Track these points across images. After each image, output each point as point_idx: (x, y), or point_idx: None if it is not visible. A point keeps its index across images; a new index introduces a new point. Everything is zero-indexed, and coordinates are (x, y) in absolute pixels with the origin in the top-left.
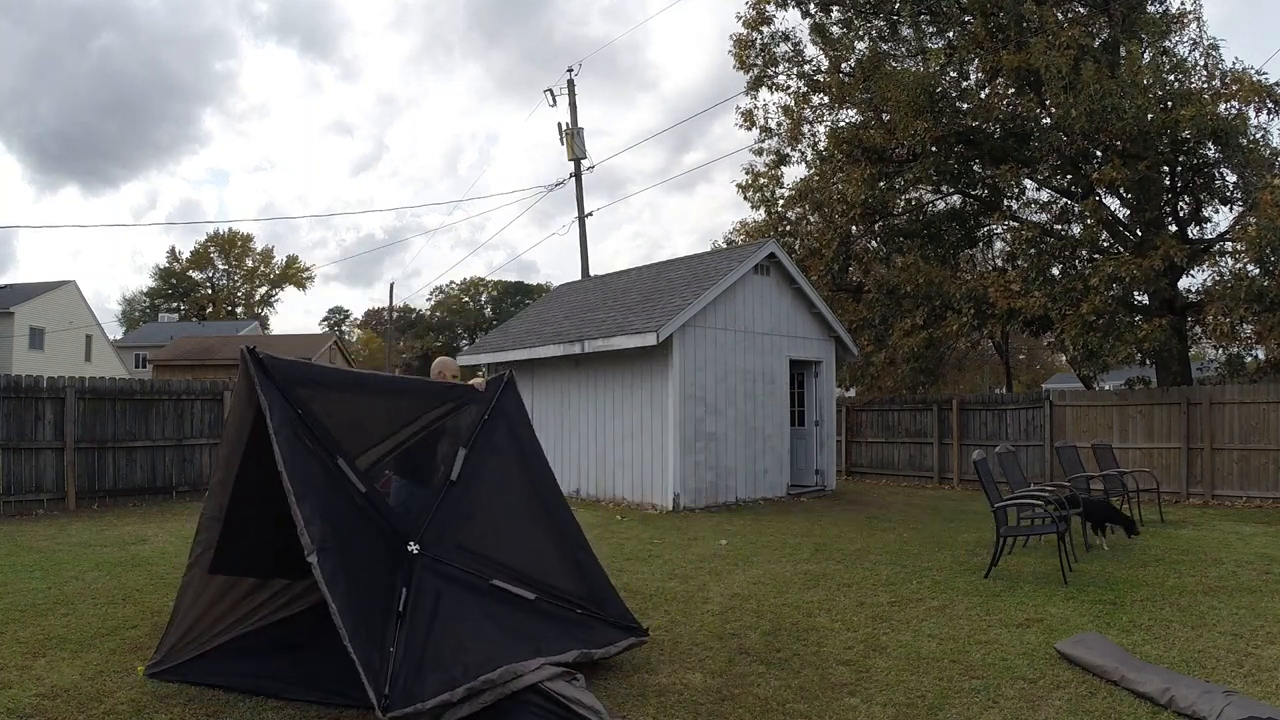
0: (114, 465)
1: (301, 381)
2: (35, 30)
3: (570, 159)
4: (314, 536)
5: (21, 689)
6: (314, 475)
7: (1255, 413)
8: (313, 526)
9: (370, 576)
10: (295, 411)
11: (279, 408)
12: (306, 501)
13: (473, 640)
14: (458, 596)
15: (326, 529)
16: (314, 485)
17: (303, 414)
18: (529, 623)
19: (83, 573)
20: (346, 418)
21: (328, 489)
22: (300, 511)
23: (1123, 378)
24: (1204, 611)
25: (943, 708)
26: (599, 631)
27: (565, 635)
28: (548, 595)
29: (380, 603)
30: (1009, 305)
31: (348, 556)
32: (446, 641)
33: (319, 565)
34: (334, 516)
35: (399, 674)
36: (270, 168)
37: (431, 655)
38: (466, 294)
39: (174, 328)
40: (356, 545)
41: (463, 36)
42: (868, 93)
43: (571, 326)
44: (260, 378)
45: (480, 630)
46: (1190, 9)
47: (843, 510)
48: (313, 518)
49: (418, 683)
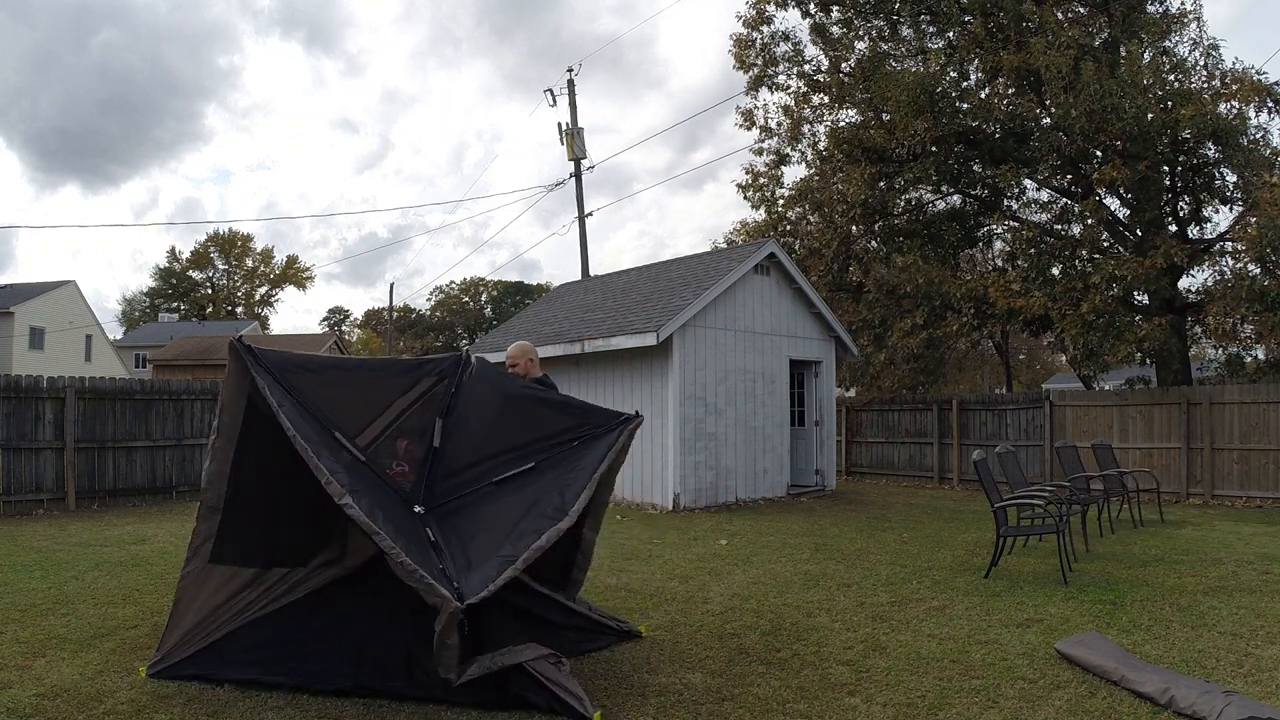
0: (114, 465)
1: (289, 368)
2: (35, 26)
3: (570, 159)
4: (343, 482)
5: (21, 689)
6: (323, 439)
7: (1255, 413)
8: (338, 474)
9: (401, 515)
10: (288, 393)
11: (275, 387)
12: (324, 456)
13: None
14: (484, 538)
15: (352, 477)
16: (326, 447)
17: (295, 396)
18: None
19: (83, 573)
20: (335, 401)
21: (338, 451)
22: (322, 464)
23: (1123, 378)
24: (1204, 611)
25: (943, 708)
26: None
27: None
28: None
29: (417, 535)
30: (1009, 305)
31: (376, 497)
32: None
33: (356, 504)
34: (351, 469)
35: (458, 576)
36: (273, 165)
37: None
38: (467, 294)
39: (174, 328)
40: (379, 491)
41: (471, 32)
42: (868, 93)
43: (571, 326)
44: (252, 364)
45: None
46: (1190, 9)
47: (843, 510)
48: (335, 468)
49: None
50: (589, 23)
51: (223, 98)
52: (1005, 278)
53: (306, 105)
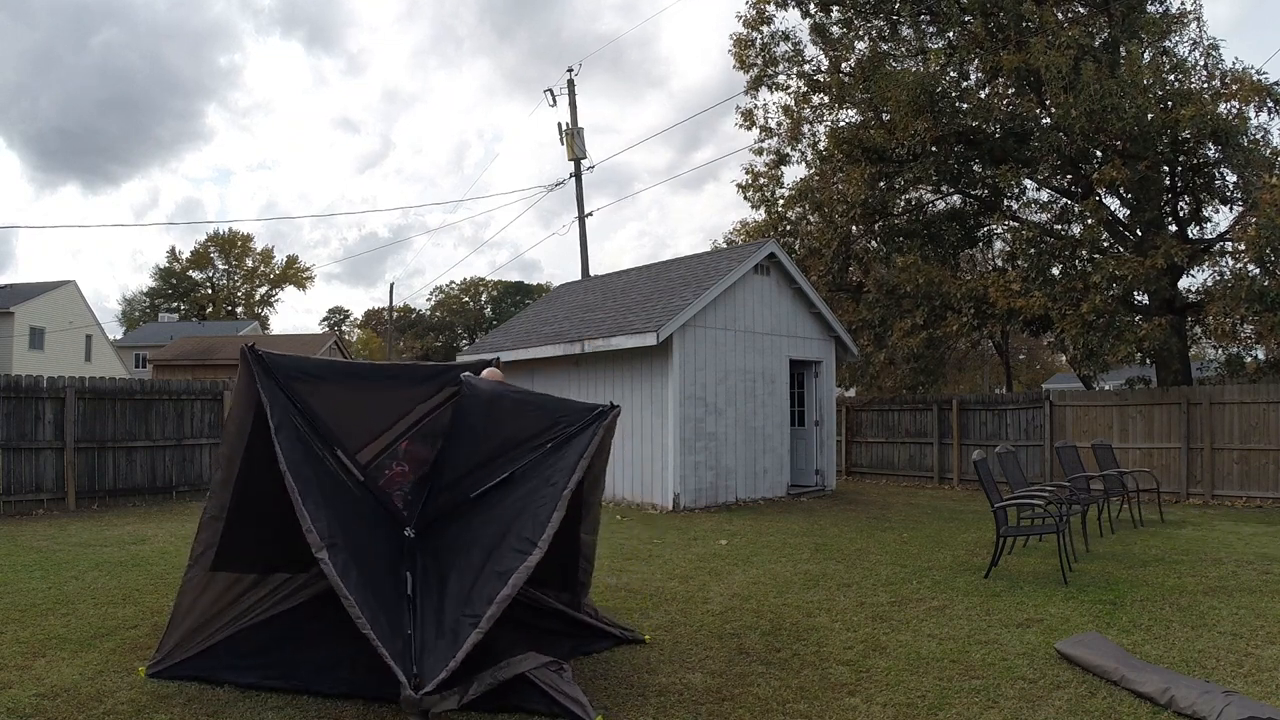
0: (114, 465)
1: (300, 377)
2: (35, 25)
3: (570, 159)
4: (321, 533)
5: (21, 689)
6: (316, 472)
7: (1255, 413)
8: (319, 523)
9: (378, 566)
10: (295, 407)
11: (279, 406)
12: (310, 499)
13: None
14: (457, 576)
15: (333, 524)
16: (317, 482)
17: (301, 409)
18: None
19: (83, 573)
20: (346, 411)
21: (330, 484)
22: (305, 510)
23: (1123, 378)
24: (1204, 611)
25: (943, 708)
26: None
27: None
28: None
29: (391, 590)
30: (1009, 305)
31: (355, 549)
32: (450, 619)
33: (329, 560)
34: (338, 510)
35: (421, 653)
36: (273, 165)
37: (448, 632)
38: (466, 294)
39: (174, 328)
40: (362, 537)
41: (472, 30)
42: (868, 93)
43: (571, 326)
44: (260, 376)
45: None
46: (1190, 9)
47: (843, 510)
48: (318, 514)
49: (435, 660)
50: (591, 22)
51: (223, 97)
52: (1005, 278)
53: (307, 105)
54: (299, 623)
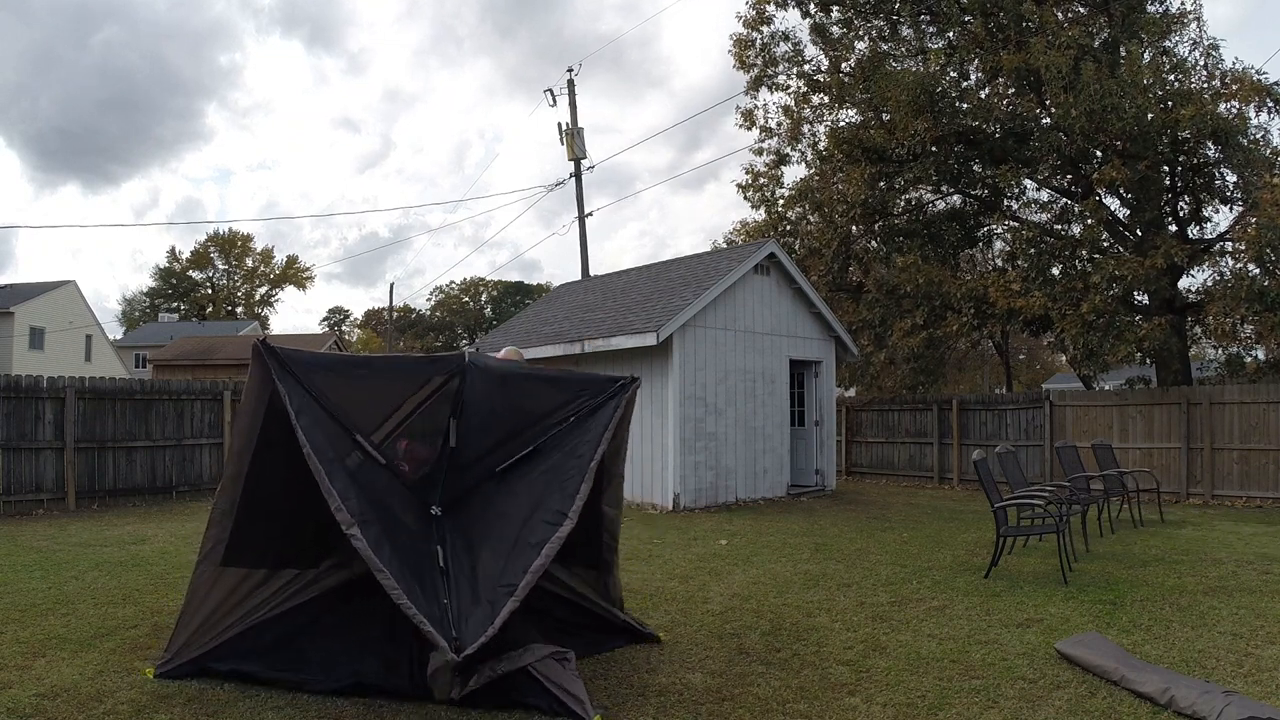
0: (114, 465)
1: (315, 368)
2: (35, 25)
3: (570, 159)
4: (352, 511)
5: (21, 689)
6: (340, 454)
7: (1255, 413)
8: (349, 501)
9: (410, 542)
10: (311, 396)
11: (297, 394)
12: (336, 480)
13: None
14: (490, 549)
15: (362, 502)
16: (341, 465)
17: (317, 397)
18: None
19: (83, 573)
20: (359, 398)
21: (355, 465)
22: (333, 490)
23: (1123, 378)
24: (1204, 611)
25: (943, 708)
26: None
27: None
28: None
29: (425, 562)
30: (1009, 305)
31: (386, 524)
32: (486, 590)
33: (362, 536)
34: (366, 490)
35: (458, 619)
36: (273, 165)
37: (484, 602)
38: (467, 294)
39: (174, 328)
40: (391, 514)
41: (473, 30)
42: (868, 93)
43: (571, 326)
44: (276, 368)
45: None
46: (1190, 9)
47: (843, 510)
48: (346, 493)
49: (475, 625)
50: (591, 22)
51: (223, 97)
52: (1005, 278)
53: (307, 104)
54: (308, 618)
